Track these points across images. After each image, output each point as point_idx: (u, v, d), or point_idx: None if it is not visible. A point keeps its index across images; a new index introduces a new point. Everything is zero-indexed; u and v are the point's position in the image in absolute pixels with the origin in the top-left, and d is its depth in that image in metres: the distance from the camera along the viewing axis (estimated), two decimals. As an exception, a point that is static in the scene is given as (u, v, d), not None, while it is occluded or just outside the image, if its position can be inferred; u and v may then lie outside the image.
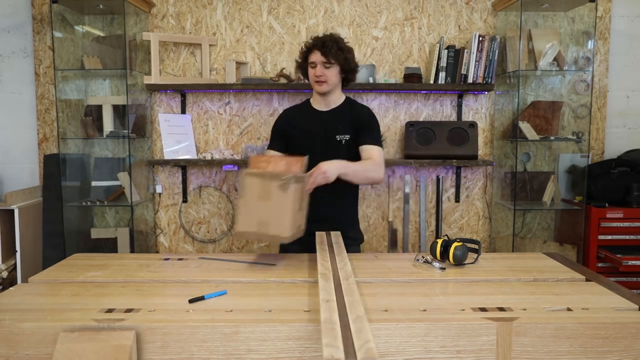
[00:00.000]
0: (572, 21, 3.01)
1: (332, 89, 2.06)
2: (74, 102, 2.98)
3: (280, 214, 1.58)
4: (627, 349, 1.21)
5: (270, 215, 1.60)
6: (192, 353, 1.18)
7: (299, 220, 1.68)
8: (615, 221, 2.78)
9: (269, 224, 1.60)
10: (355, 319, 1.08)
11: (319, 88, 2.03)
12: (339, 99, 2.12)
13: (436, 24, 3.02)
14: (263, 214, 1.61)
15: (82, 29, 3.00)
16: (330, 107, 2.11)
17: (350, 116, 2.09)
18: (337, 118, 2.08)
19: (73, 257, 1.84)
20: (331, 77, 2.02)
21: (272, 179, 1.59)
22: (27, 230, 2.82)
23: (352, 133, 2.06)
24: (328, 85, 2.02)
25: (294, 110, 2.20)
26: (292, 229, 1.61)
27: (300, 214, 1.70)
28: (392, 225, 3.11)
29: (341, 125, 2.06)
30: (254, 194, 1.62)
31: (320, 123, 2.07)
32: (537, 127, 2.96)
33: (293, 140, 2.11)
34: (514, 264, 1.76)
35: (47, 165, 2.98)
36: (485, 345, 1.19)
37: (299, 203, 1.65)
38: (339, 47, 2.02)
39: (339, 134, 2.05)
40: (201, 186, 3.10)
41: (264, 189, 1.60)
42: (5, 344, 1.18)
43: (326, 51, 1.99)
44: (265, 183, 1.60)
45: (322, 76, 2.00)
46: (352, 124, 2.07)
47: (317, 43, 2.02)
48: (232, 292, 1.43)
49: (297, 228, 1.67)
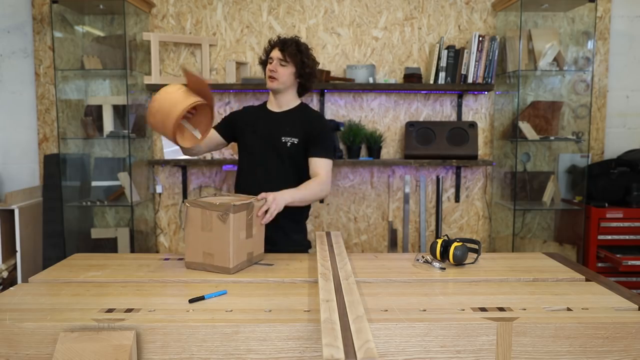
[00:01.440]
0: (571, 21, 3.01)
1: (283, 89, 2.04)
2: (74, 102, 2.98)
3: (222, 245, 1.57)
4: (627, 348, 1.21)
5: (212, 247, 1.59)
6: (192, 353, 1.18)
7: (249, 248, 1.66)
8: (615, 221, 2.78)
9: (213, 255, 1.60)
10: (355, 319, 1.08)
11: (270, 84, 2.03)
12: (292, 102, 2.10)
13: (436, 24, 3.02)
14: (206, 244, 1.60)
15: (82, 29, 3.00)
16: (282, 108, 2.09)
17: (301, 120, 2.06)
18: (286, 120, 2.06)
19: (73, 257, 1.84)
20: (283, 76, 2.01)
21: (212, 209, 1.58)
22: (27, 230, 2.82)
23: (302, 137, 2.02)
24: (279, 82, 2.02)
25: (251, 109, 2.20)
26: (237, 259, 1.59)
27: (251, 241, 1.67)
28: (392, 225, 3.11)
29: (289, 128, 2.03)
30: (197, 224, 1.62)
31: (269, 122, 2.06)
32: (537, 127, 2.96)
33: (241, 135, 2.10)
34: (513, 264, 1.76)
35: (47, 165, 2.98)
36: (485, 345, 1.19)
37: (244, 231, 1.63)
38: (298, 49, 2.02)
39: (285, 135, 2.02)
40: (201, 186, 3.11)
41: (205, 220, 1.60)
42: (5, 343, 1.18)
43: (284, 48, 2.00)
44: (206, 213, 1.59)
45: (275, 72, 2.00)
46: (302, 128, 2.03)
47: (278, 40, 2.04)
48: (232, 292, 1.43)
49: (246, 256, 1.65)
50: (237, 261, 1.60)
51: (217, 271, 1.59)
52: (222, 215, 1.56)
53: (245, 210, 1.63)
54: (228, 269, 1.57)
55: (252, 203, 1.66)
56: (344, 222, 3.12)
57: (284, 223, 2.02)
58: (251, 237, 1.67)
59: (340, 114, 3.07)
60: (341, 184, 3.11)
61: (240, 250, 1.61)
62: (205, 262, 1.62)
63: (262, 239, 1.76)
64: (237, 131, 2.11)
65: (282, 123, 2.05)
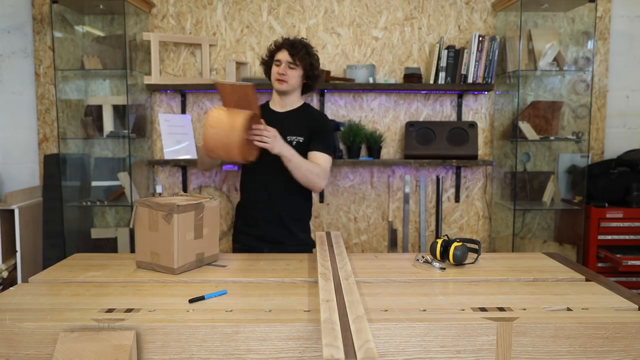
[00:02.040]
0: (571, 21, 3.01)
1: (290, 90, 2.07)
2: (74, 102, 2.98)
3: (167, 245, 1.57)
4: (627, 348, 1.21)
5: (158, 246, 1.60)
6: (192, 353, 1.18)
7: (198, 249, 1.66)
8: (615, 221, 2.78)
9: (159, 255, 1.60)
10: (355, 319, 1.08)
11: (279, 86, 2.04)
12: (296, 102, 2.13)
13: (436, 24, 3.02)
14: (153, 244, 1.61)
15: (82, 29, 3.00)
16: (286, 108, 2.12)
17: (305, 119, 2.10)
18: (291, 119, 2.09)
19: (73, 257, 1.84)
20: (293, 78, 2.04)
21: (158, 209, 1.59)
22: (27, 230, 2.82)
23: (307, 135, 2.06)
24: (288, 85, 2.04)
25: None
26: (182, 259, 1.59)
27: (200, 242, 1.67)
28: (392, 225, 3.11)
29: (294, 127, 2.06)
30: (145, 224, 1.62)
31: (273, 122, 2.07)
32: (537, 127, 2.96)
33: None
34: (513, 264, 1.76)
35: (47, 165, 2.98)
36: (485, 345, 1.19)
37: (192, 232, 1.63)
38: (307, 52, 2.05)
39: (291, 134, 2.05)
40: (201, 186, 3.11)
41: (152, 220, 1.60)
42: (5, 343, 1.18)
43: (294, 52, 2.01)
44: (153, 213, 1.60)
45: (285, 75, 2.02)
46: (307, 126, 2.07)
47: (286, 42, 2.04)
48: (232, 292, 1.43)
49: (195, 257, 1.65)
50: (183, 262, 1.60)
51: (163, 271, 1.59)
52: (166, 215, 1.57)
53: (193, 211, 1.63)
54: (173, 269, 1.57)
55: (201, 203, 1.66)
56: (344, 222, 3.12)
57: (289, 223, 2.05)
58: (201, 238, 1.67)
59: (340, 114, 3.07)
60: (341, 184, 3.11)
61: (186, 250, 1.61)
62: (152, 262, 1.62)
63: (216, 240, 1.76)
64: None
65: (287, 122, 2.07)
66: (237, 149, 1.74)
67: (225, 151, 1.76)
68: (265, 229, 2.08)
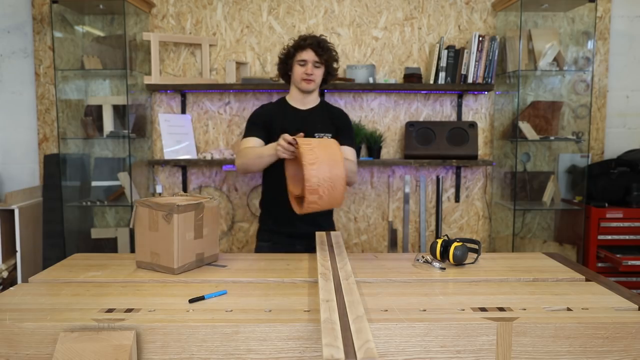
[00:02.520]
0: (571, 21, 3.01)
1: (315, 89, 2.10)
2: (74, 102, 2.98)
3: (167, 245, 1.57)
4: (627, 348, 1.21)
5: (158, 246, 1.60)
6: (192, 353, 1.18)
7: (198, 249, 1.66)
8: (615, 221, 2.78)
9: (159, 255, 1.60)
10: (355, 319, 1.08)
11: (307, 86, 2.05)
12: (316, 99, 2.17)
13: (436, 24, 3.02)
14: (153, 244, 1.61)
15: (82, 29, 3.00)
16: (308, 106, 2.13)
17: (329, 116, 2.14)
18: (315, 116, 2.11)
19: (73, 257, 1.84)
20: (318, 77, 2.07)
21: (158, 209, 1.59)
22: (27, 230, 2.82)
23: (334, 131, 2.09)
24: (315, 84, 2.07)
25: (272, 107, 2.19)
26: (182, 259, 1.59)
27: (200, 242, 1.66)
28: (392, 225, 3.11)
29: (321, 124, 2.09)
30: (145, 224, 1.62)
31: (299, 121, 2.08)
32: (537, 127, 2.96)
33: (271, 136, 2.09)
34: (513, 264, 1.76)
35: (47, 165, 2.98)
36: (485, 345, 1.19)
37: (192, 232, 1.63)
38: (330, 49, 2.08)
39: (318, 131, 2.06)
40: (201, 186, 3.10)
41: (152, 220, 1.60)
42: (5, 343, 1.18)
43: (321, 52, 2.02)
44: (153, 213, 1.60)
45: (312, 74, 2.03)
46: (332, 122, 2.11)
47: (312, 42, 2.03)
48: (232, 292, 1.43)
49: (195, 257, 1.65)
50: (183, 262, 1.60)
51: (163, 271, 1.59)
52: (166, 215, 1.57)
53: (193, 211, 1.63)
54: (173, 269, 1.58)
55: (201, 203, 1.66)
56: (344, 222, 3.12)
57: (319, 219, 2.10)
58: (201, 238, 1.67)
59: (340, 114, 3.07)
60: (341, 184, 3.10)
61: (186, 250, 1.61)
62: (152, 262, 1.62)
63: (216, 240, 1.76)
64: (270, 132, 2.09)
65: (312, 120, 2.09)
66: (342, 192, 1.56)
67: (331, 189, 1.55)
68: (298, 226, 2.07)
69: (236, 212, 3.10)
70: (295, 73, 2.07)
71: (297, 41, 2.07)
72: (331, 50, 2.08)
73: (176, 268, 1.58)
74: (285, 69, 2.13)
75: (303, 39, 2.06)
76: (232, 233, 3.11)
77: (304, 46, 2.03)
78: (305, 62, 2.03)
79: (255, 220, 3.08)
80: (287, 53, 2.10)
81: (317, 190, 1.53)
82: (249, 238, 3.12)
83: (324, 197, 1.55)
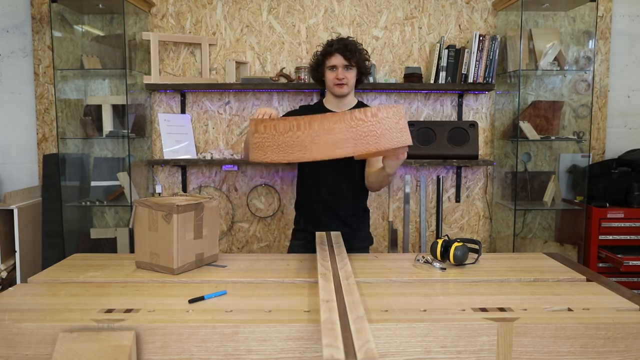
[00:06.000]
0: (572, 21, 3.01)
1: (350, 91, 2.08)
2: (74, 101, 2.97)
3: (167, 245, 1.57)
4: (628, 349, 1.21)
5: (158, 247, 1.60)
6: (192, 353, 1.17)
7: (198, 249, 1.66)
8: (616, 221, 2.77)
9: (159, 255, 1.60)
10: (355, 319, 1.08)
11: (340, 90, 2.03)
12: (352, 101, 2.14)
13: (436, 23, 3.02)
14: (153, 244, 1.61)
15: (82, 29, 2.99)
16: (344, 109, 2.10)
17: None
18: None
19: (72, 257, 1.84)
20: (351, 80, 2.04)
21: (157, 209, 1.59)
22: (27, 230, 2.82)
23: None
24: (348, 87, 2.04)
25: (309, 109, 2.20)
26: (182, 260, 1.59)
27: (200, 242, 1.66)
28: (393, 225, 3.11)
29: None
30: (144, 224, 1.62)
31: None
32: (538, 126, 2.95)
33: None
34: (514, 264, 1.76)
35: (47, 165, 2.98)
36: (485, 345, 1.19)
37: (192, 232, 1.62)
38: (359, 50, 2.04)
39: None
40: (201, 186, 3.10)
41: (152, 220, 1.60)
42: (4, 344, 1.17)
43: (349, 55, 1.99)
44: (152, 213, 1.60)
45: (344, 79, 2.01)
46: None
47: (339, 47, 2.01)
48: (232, 292, 1.42)
49: (194, 257, 1.65)
50: (183, 262, 1.60)
51: (163, 271, 1.59)
52: (166, 215, 1.56)
53: (193, 211, 1.62)
54: (172, 269, 1.57)
55: (201, 203, 1.66)
56: (344, 222, 3.12)
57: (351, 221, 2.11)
58: (201, 238, 1.67)
59: (341, 114, 3.07)
60: (341, 184, 3.10)
61: (186, 251, 1.61)
62: (152, 262, 1.62)
63: (216, 240, 1.75)
64: None
65: None
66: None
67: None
68: (330, 228, 2.04)
69: (236, 212, 3.10)
70: (328, 79, 2.05)
71: (324, 47, 2.06)
72: (361, 51, 2.04)
73: (176, 268, 1.57)
74: (318, 76, 2.12)
75: (330, 44, 2.04)
76: (232, 233, 3.11)
77: (332, 52, 2.01)
78: (335, 67, 2.02)
79: (255, 220, 3.09)
80: (317, 60, 2.09)
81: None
82: (248, 238, 3.12)
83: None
